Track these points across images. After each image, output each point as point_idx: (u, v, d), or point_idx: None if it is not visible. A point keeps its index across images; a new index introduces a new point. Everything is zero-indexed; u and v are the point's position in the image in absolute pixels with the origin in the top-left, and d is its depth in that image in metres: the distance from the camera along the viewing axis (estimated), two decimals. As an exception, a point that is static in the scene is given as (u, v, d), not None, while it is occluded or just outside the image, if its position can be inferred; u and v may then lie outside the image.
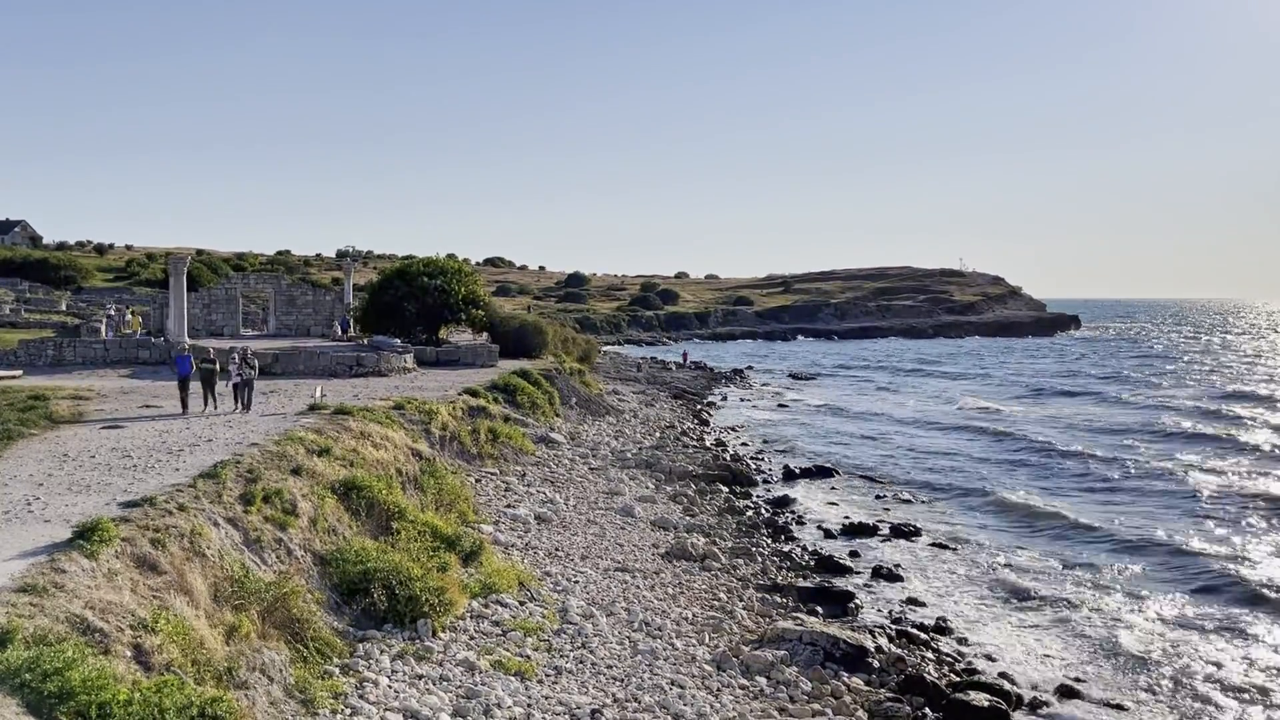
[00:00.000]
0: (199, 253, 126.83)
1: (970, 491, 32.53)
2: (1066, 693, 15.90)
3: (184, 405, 24.64)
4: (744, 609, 18.22)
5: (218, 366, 25.55)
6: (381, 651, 13.43)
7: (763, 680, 14.76)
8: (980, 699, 14.75)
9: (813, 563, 22.87)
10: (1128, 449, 41.12)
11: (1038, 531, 26.94)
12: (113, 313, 53.08)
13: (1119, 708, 15.45)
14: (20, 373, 33.01)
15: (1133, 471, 35.87)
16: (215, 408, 24.98)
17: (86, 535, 11.44)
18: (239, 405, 24.78)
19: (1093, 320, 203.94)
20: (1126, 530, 26.88)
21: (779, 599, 19.32)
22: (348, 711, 11.61)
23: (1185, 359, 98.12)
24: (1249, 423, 49.18)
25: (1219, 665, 17.32)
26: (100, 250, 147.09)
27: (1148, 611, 20.18)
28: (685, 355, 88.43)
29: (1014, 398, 62.74)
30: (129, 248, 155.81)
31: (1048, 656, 17.59)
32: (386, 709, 11.88)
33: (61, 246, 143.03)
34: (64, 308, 67.73)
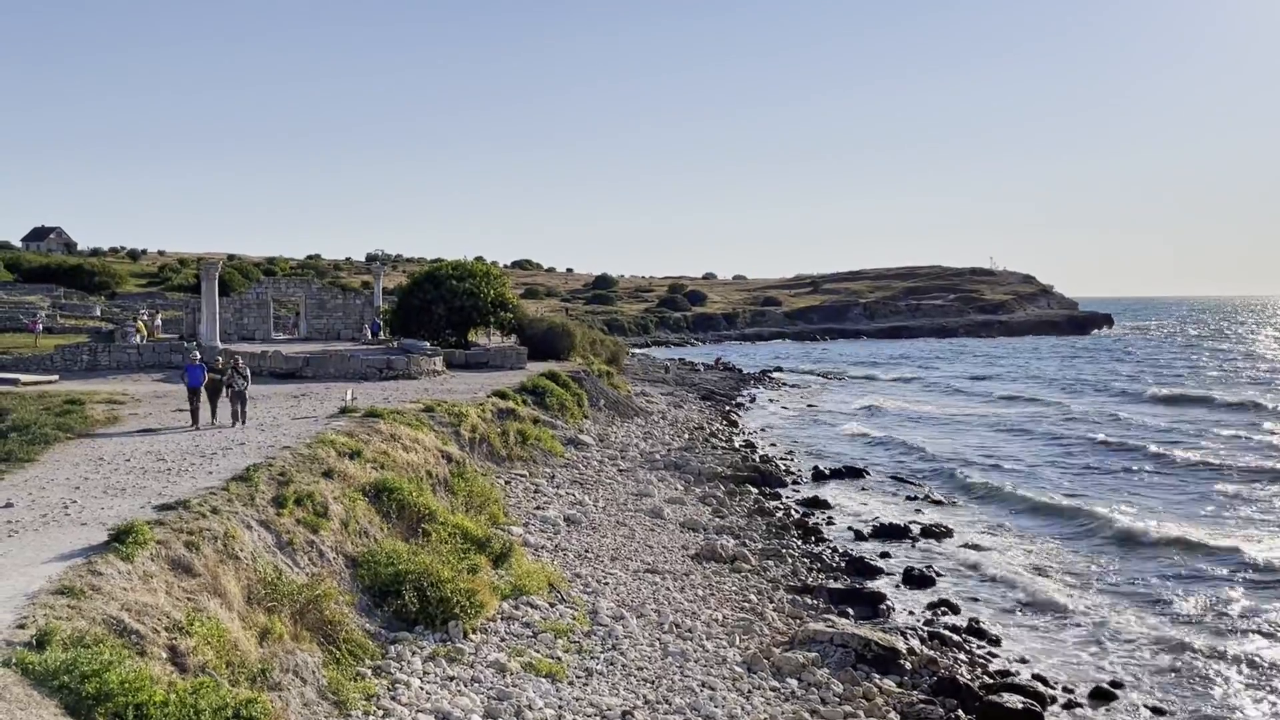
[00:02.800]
0: (230, 257, 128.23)
1: (1003, 493, 32.23)
2: (1101, 695, 15.73)
3: (195, 418, 22.97)
4: (774, 611, 18.16)
5: (225, 376, 23.70)
6: (413, 653, 13.49)
7: (794, 682, 14.70)
8: (1014, 701, 14.63)
9: (843, 564, 22.76)
10: (1177, 451, 40.65)
11: (1073, 534, 26.66)
12: (145, 318, 53.73)
13: (1155, 711, 15.26)
14: (56, 378, 33.45)
15: (1182, 474, 35.44)
16: (215, 419, 23.32)
17: (122, 538, 11.57)
18: (232, 418, 23.17)
19: (1127, 319, 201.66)
20: (1166, 534, 26.55)
21: (809, 600, 19.24)
22: (380, 713, 11.67)
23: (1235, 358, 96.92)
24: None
25: (1260, 671, 17.06)
26: (133, 256, 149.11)
27: (1186, 614, 19.89)
28: (718, 360, 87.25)
29: (1050, 394, 62.22)
30: (161, 253, 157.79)
31: (1082, 659, 17.40)
32: (418, 710, 11.93)
33: (95, 253, 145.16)
34: (98, 313, 68.66)
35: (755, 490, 30.55)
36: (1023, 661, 17.16)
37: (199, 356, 25.88)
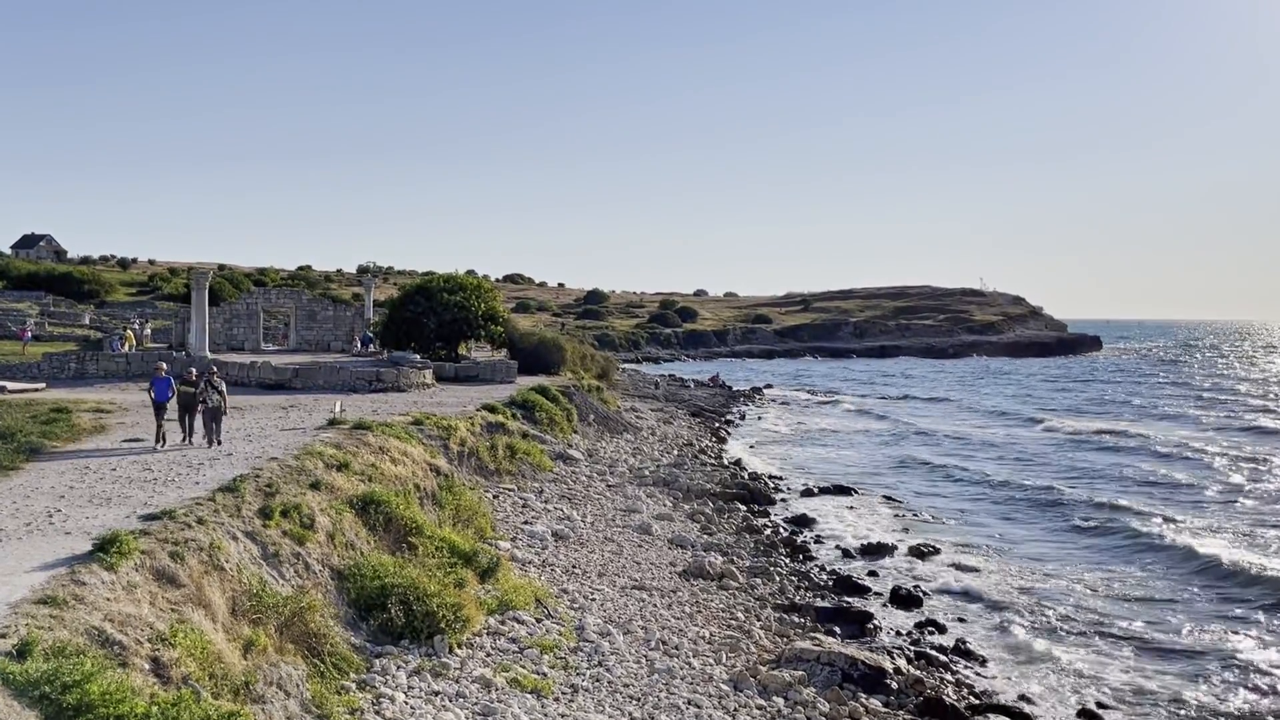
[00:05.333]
0: (221, 268, 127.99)
1: (992, 512, 32.30)
2: (1088, 717, 15.72)
3: (159, 437, 21.06)
4: (761, 629, 18.11)
5: (198, 390, 21.57)
6: (398, 667, 13.41)
7: (780, 700, 14.65)
8: (1000, 722, 14.60)
9: (831, 582, 22.73)
10: (1171, 468, 40.77)
11: (1060, 554, 26.69)
12: (135, 326, 53.57)
13: (1141, 733, 15.25)
14: (44, 385, 33.32)
15: (1175, 497, 35.55)
16: (191, 439, 21.48)
17: (106, 548, 11.50)
18: (206, 437, 21.26)
19: (1115, 341, 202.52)
20: (1154, 554, 26.62)
21: (797, 619, 19.20)
22: (364, 727, 11.58)
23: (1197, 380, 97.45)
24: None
25: (1245, 693, 17.07)
26: (123, 265, 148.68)
27: (1174, 635, 19.91)
28: (712, 378, 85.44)
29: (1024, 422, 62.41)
30: (152, 262, 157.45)
31: (1069, 680, 17.39)
32: (402, 725, 11.84)
33: (85, 261, 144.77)
34: (87, 321, 68.40)
35: (744, 507, 30.52)
36: (1010, 682, 17.13)
37: (166, 368, 23.65)
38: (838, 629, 18.85)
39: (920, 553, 26.16)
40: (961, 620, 20.70)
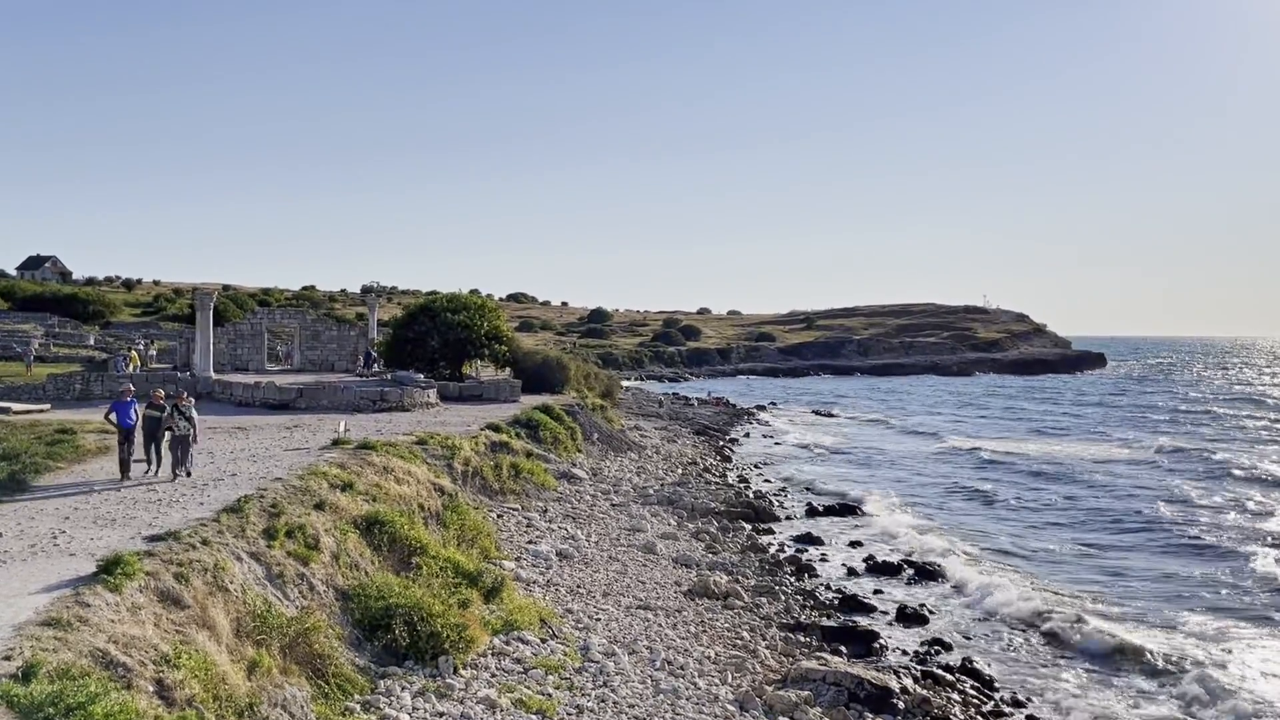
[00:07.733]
0: (225, 288, 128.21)
1: (997, 531, 32.19)
2: (1096, 737, 15.61)
3: (124, 468, 19.28)
4: (767, 648, 18.04)
5: (165, 414, 19.90)
6: (403, 688, 13.37)
7: (786, 721, 14.57)
8: (1008, 742, 14.50)
9: (836, 601, 22.65)
10: (1192, 493, 40.64)
11: (1068, 573, 26.59)
12: (140, 347, 53.65)
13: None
14: (48, 406, 33.35)
15: (1163, 513, 35.44)
16: (158, 470, 19.71)
17: (111, 569, 11.50)
18: (172, 468, 19.56)
19: (1125, 358, 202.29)
20: (1159, 572, 26.53)
21: (802, 638, 19.13)
22: (368, 749, 11.53)
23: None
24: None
25: (1259, 704, 16.97)
26: (128, 285, 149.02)
27: (1183, 653, 19.79)
28: (718, 397, 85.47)
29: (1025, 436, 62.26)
30: (156, 283, 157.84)
31: (1078, 701, 17.28)
32: (407, 747, 11.78)
33: (90, 282, 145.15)
34: (92, 342, 68.51)
35: (748, 526, 30.45)
36: (1017, 704, 17.01)
37: (133, 390, 21.58)
38: (844, 648, 18.76)
39: (926, 571, 26.05)
40: (968, 639, 20.61)
